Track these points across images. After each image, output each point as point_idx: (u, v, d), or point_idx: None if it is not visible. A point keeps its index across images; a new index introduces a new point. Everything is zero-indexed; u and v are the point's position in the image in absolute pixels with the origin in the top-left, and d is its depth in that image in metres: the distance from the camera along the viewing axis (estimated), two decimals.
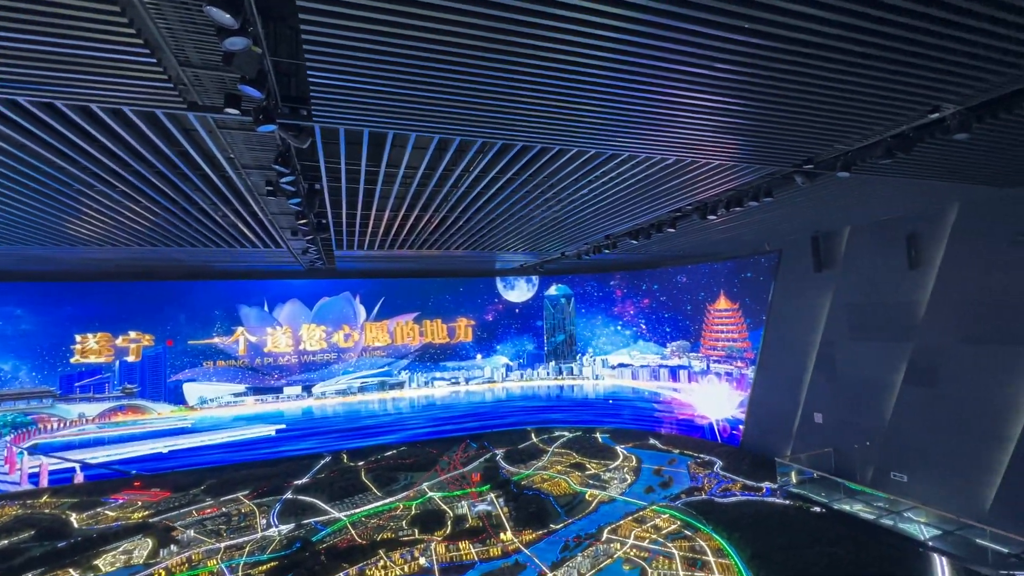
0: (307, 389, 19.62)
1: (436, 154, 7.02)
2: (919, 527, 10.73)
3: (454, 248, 13.71)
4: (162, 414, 17.54)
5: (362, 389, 20.38)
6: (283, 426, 18.94)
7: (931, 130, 5.81)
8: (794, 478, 13.61)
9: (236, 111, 4.63)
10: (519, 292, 22.50)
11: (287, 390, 19.33)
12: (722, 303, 18.01)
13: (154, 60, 4.05)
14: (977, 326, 10.50)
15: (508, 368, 22.32)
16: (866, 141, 6.33)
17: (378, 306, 20.64)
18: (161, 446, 17.24)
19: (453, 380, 21.54)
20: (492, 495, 14.64)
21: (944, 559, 9.57)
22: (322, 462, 18.04)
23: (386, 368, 20.75)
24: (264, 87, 4.19)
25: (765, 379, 16.36)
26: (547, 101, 4.99)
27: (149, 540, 12.32)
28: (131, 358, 17.23)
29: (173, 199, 8.29)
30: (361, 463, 17.77)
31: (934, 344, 11.32)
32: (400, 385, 20.88)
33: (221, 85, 4.73)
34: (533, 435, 20.48)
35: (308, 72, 4.25)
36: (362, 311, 20.51)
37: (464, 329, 21.74)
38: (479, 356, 21.97)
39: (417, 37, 3.76)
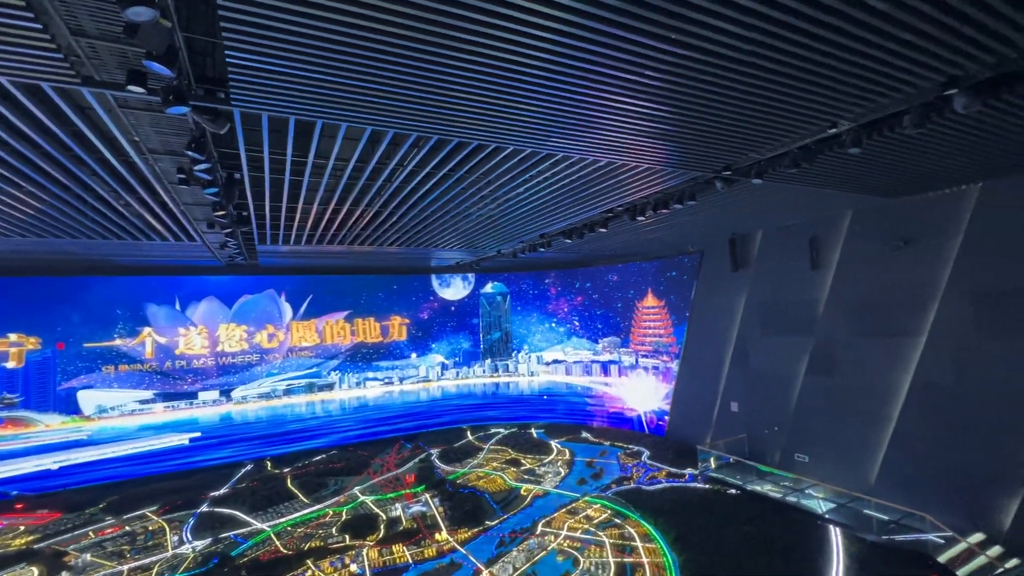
0: (226, 393, 18.29)
1: (368, 146, 6.79)
2: (818, 502, 11.90)
3: (388, 244, 13.36)
4: (51, 426, 15.60)
5: (288, 392, 19.32)
6: (198, 434, 17.53)
7: (830, 144, 6.44)
8: (713, 463, 14.60)
9: (141, 89, 4.20)
10: (455, 290, 22.34)
11: (203, 395, 17.90)
12: (650, 300, 18.92)
13: (39, 26, 3.57)
14: (866, 321, 11.79)
15: (444, 367, 22.10)
16: (776, 151, 6.89)
17: (305, 304, 19.64)
18: (49, 462, 15.34)
19: (387, 380, 21.00)
20: (427, 495, 14.44)
21: (838, 529, 10.68)
22: (243, 471, 16.91)
23: (314, 369, 19.80)
24: (174, 65, 3.83)
25: (688, 372, 17.39)
26: (484, 98, 4.98)
27: (34, 569, 10.94)
28: (11, 364, 15.17)
29: (64, 185, 7.39)
30: (287, 470, 16.85)
31: (831, 337, 12.57)
32: (330, 386, 20.02)
33: (123, 60, 4.27)
34: (469, 433, 20.44)
35: (226, 52, 3.94)
36: (288, 309, 19.43)
37: (398, 328, 21.24)
38: (414, 355, 21.58)
39: (348, 23, 3.61)
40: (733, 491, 13.23)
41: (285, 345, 19.33)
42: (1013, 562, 9.08)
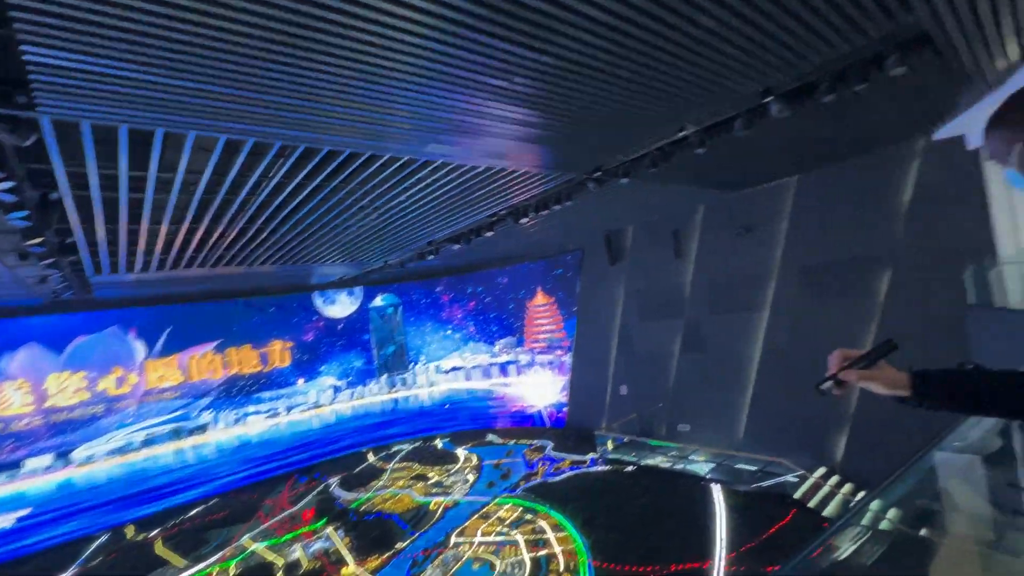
0: (63, 456, 15.27)
1: (225, 157, 6.11)
2: (700, 465, 13.28)
3: (259, 264, 12.17)
4: None
5: (148, 442, 16.70)
6: (27, 511, 14.40)
7: (681, 145, 7.21)
8: (610, 445, 15.57)
9: None
10: (341, 306, 21.08)
11: (30, 463, 14.75)
12: (540, 299, 19.65)
13: None
14: (722, 300, 13.43)
15: (336, 389, 20.73)
16: (637, 153, 7.55)
17: (163, 339, 17.14)
18: None
19: (272, 412, 19.13)
20: (329, 529, 13.43)
21: (718, 486, 12.01)
22: (95, 544, 14.25)
23: (181, 411, 17.36)
24: None
25: (580, 363, 18.36)
26: (352, 103, 4.75)
27: None
28: None
29: None
30: (155, 532, 14.54)
31: (697, 317, 14.12)
32: (202, 428, 17.69)
33: None
34: (370, 455, 19.43)
35: (21, 47, 3.26)
36: (140, 347, 16.80)
37: (280, 353, 19.46)
38: (301, 380, 19.95)
39: (184, 17, 3.19)
40: (630, 468, 14.22)
41: (140, 388, 16.69)
42: (848, 487, 10.97)
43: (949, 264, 9.22)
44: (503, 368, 21.23)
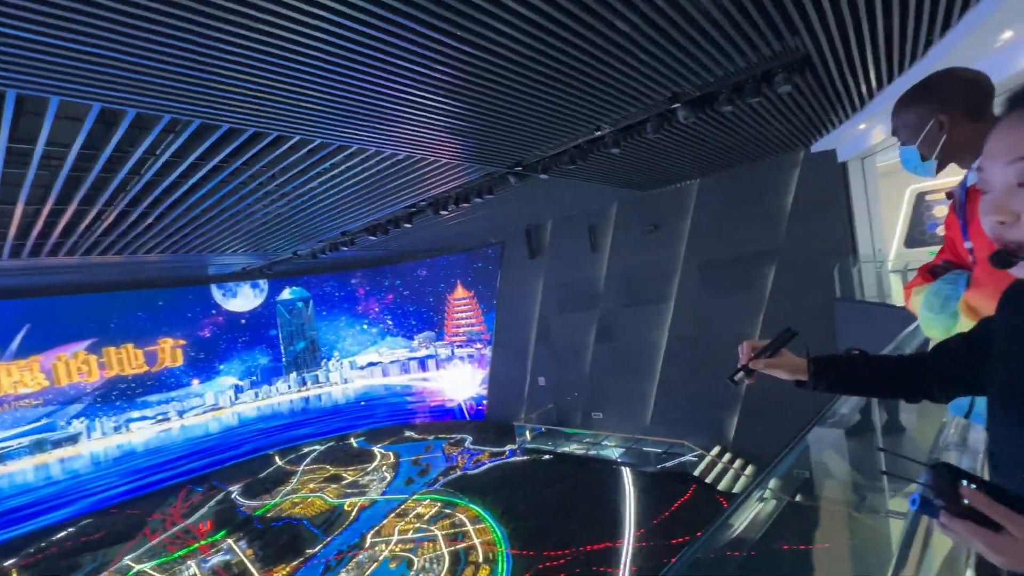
0: None
1: (101, 128, 5.35)
2: (612, 450, 14.03)
3: (145, 252, 10.87)
4: None
5: (1, 458, 14.33)
6: None
7: (597, 144, 7.49)
8: (529, 436, 15.94)
9: None
10: (244, 300, 19.44)
11: None
12: (460, 292, 19.54)
13: None
14: (632, 293, 14.23)
15: (238, 389, 19.12)
16: (556, 150, 7.73)
17: (19, 338, 14.73)
18: None
19: (161, 416, 17.22)
20: (230, 541, 12.45)
21: (627, 469, 12.77)
22: None
23: (44, 421, 15.08)
24: None
25: (500, 356, 18.55)
26: (257, 80, 4.36)
27: None
28: None
29: None
30: (11, 561, 12.56)
31: (610, 309, 14.84)
32: (73, 439, 15.51)
33: None
34: (277, 458, 18.24)
35: None
36: None
37: (170, 352, 17.53)
38: (196, 381, 18.15)
39: None
40: (547, 456, 14.67)
41: None
42: (738, 462, 12.16)
43: (821, 262, 10.51)
44: (422, 362, 20.88)
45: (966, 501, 0.60)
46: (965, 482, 0.62)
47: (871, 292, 8.97)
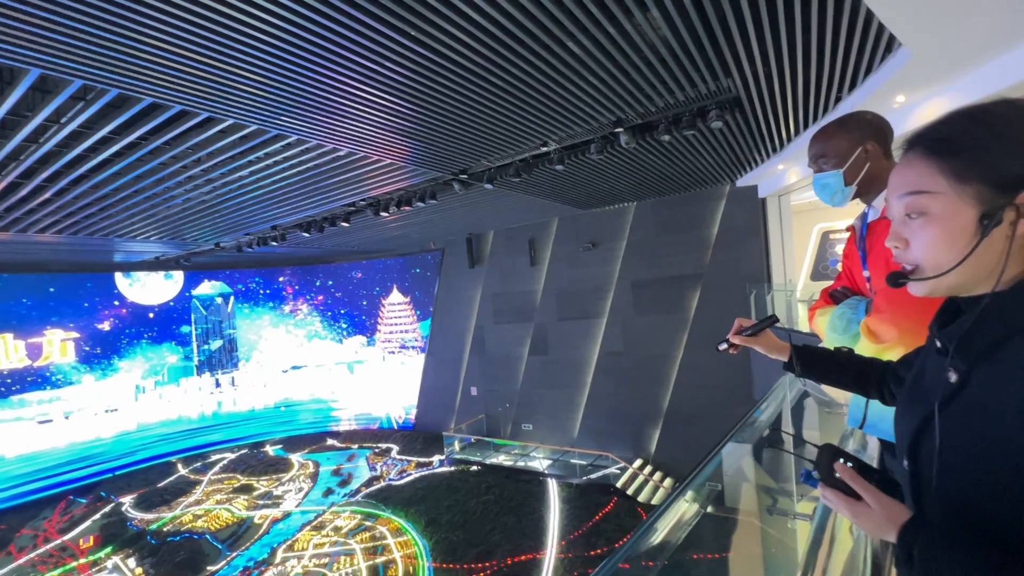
0: None
1: None
2: (540, 462, 14.16)
3: (37, 231, 9.67)
4: None
5: None
6: None
7: (542, 160, 7.66)
8: (457, 446, 15.74)
9: None
10: (153, 291, 17.75)
11: None
12: (395, 297, 19.06)
13: None
14: (568, 307, 14.58)
15: (139, 389, 17.35)
16: (502, 161, 7.80)
17: None
18: None
19: (42, 419, 15.21)
20: (117, 558, 11.20)
21: (554, 480, 12.94)
22: None
23: None
24: None
25: (433, 364, 18.25)
26: (189, 53, 4.05)
27: None
28: None
29: None
30: None
31: (545, 322, 15.09)
32: None
33: None
34: (180, 466, 16.72)
35: None
36: None
37: (59, 345, 15.62)
38: (89, 379, 16.26)
39: None
40: (475, 468, 14.55)
41: None
42: (658, 475, 12.70)
43: (740, 288, 11.34)
44: (350, 368, 20.07)
45: (837, 475, 0.76)
46: (843, 460, 0.77)
47: (782, 318, 9.79)
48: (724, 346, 1.34)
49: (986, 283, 0.69)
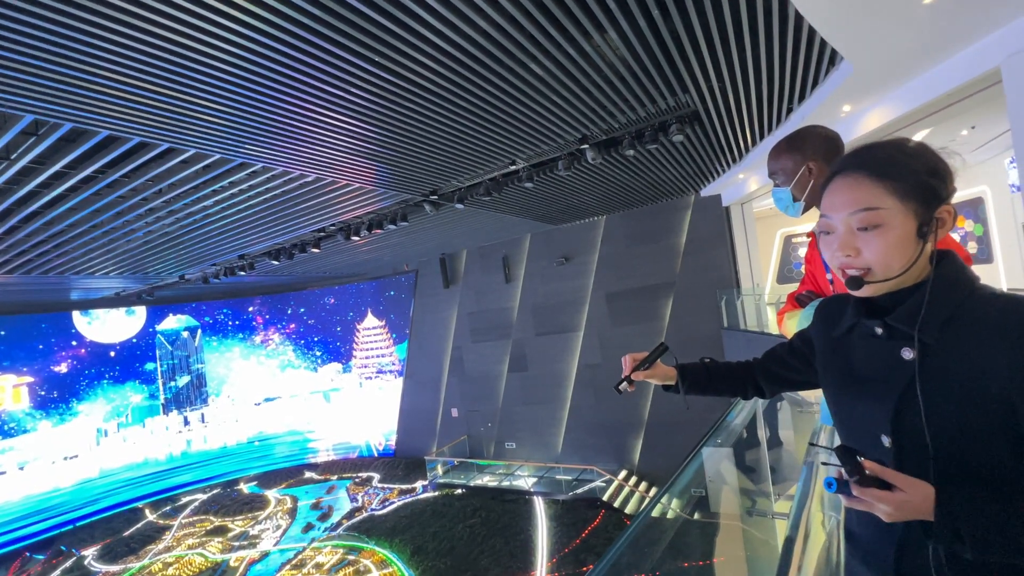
0: None
1: None
2: (525, 480, 14.00)
3: None
4: None
5: None
6: None
7: (512, 178, 7.75)
8: (440, 470, 15.44)
9: None
10: (114, 328, 17.01)
11: None
12: (370, 321, 18.78)
13: None
14: (545, 322, 14.63)
15: (101, 433, 16.46)
16: (472, 181, 7.87)
17: None
18: None
19: None
20: None
21: (539, 498, 12.80)
22: None
23: None
24: None
25: (411, 387, 17.96)
26: (145, 85, 3.98)
27: None
28: None
29: None
30: None
31: (523, 338, 15.08)
32: None
33: None
34: (148, 512, 15.86)
35: None
36: None
37: (11, 391, 14.74)
38: (46, 424, 15.37)
39: None
40: (460, 491, 14.27)
41: None
42: (643, 485, 12.71)
43: (710, 295, 11.61)
44: (326, 396, 19.56)
45: (868, 473, 0.74)
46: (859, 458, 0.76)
47: (752, 322, 10.05)
48: (624, 385, 1.35)
49: (911, 277, 0.84)
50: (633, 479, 12.95)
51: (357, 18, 3.49)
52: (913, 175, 0.82)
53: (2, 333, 14.60)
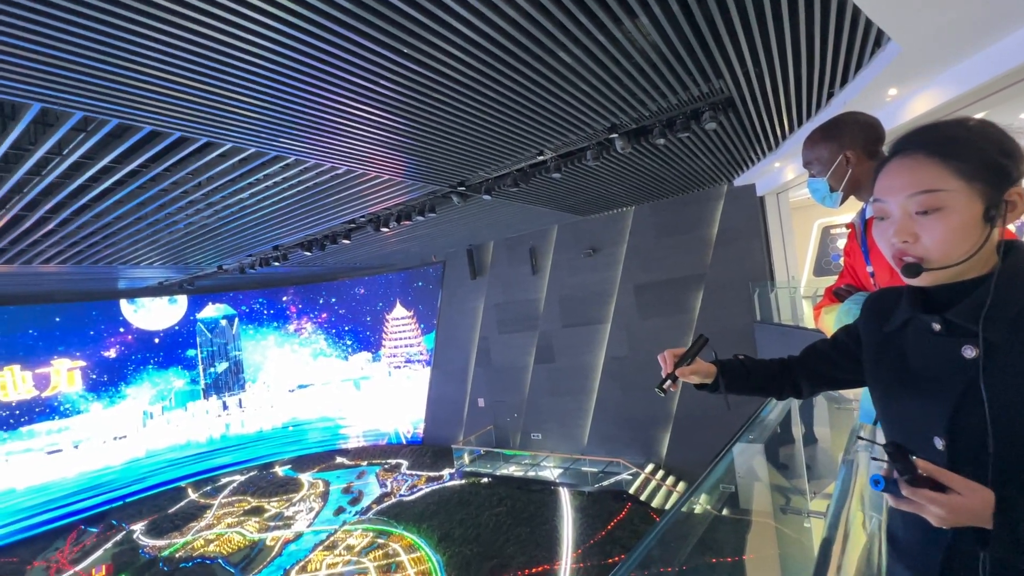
0: None
1: None
2: (551, 471, 14.05)
3: (42, 263, 9.74)
4: None
5: None
6: None
7: (539, 169, 7.70)
8: (467, 459, 15.64)
9: None
10: (158, 316, 17.82)
11: None
12: (399, 311, 19.08)
13: None
14: (571, 314, 14.56)
15: (147, 415, 17.34)
16: (500, 172, 7.85)
17: None
18: None
19: (51, 449, 15.21)
20: None
21: (565, 488, 12.83)
22: None
23: None
24: None
25: (439, 377, 18.21)
26: (188, 82, 4.11)
27: None
28: None
29: None
30: None
31: (549, 330, 15.06)
32: None
33: None
34: (191, 491, 16.66)
35: None
36: None
37: (66, 374, 15.66)
38: (97, 407, 16.28)
39: None
40: (486, 480, 14.44)
41: None
42: (670, 479, 12.58)
43: (742, 287, 11.32)
44: (357, 384, 20.04)
45: (921, 472, 0.68)
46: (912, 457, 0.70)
47: (786, 315, 9.75)
48: (667, 384, 1.24)
49: (974, 268, 0.78)
50: (660, 473, 12.83)
51: (386, 9, 3.51)
52: (980, 154, 0.76)
53: (57, 320, 15.50)
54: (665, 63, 4.91)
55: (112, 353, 16.66)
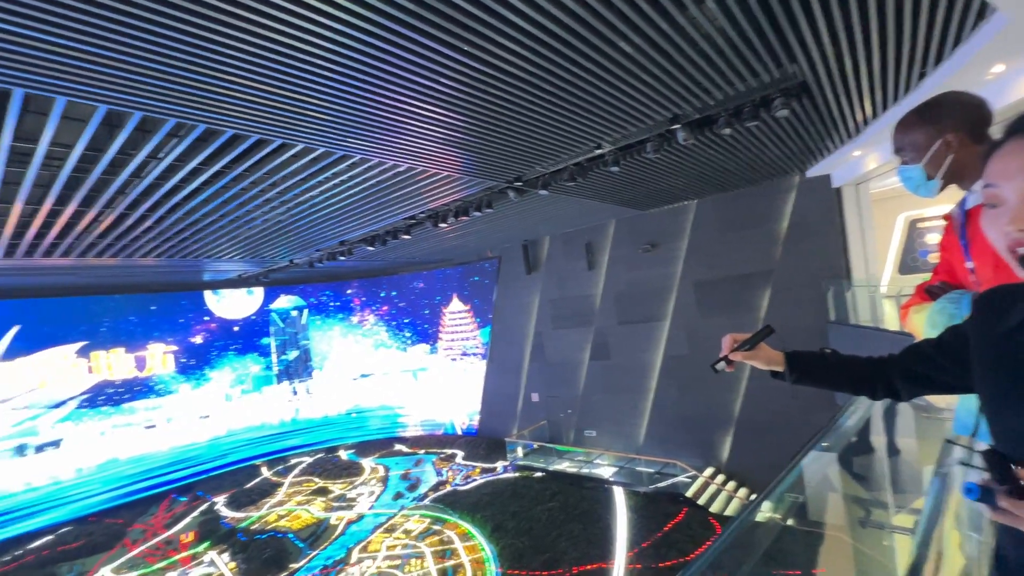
0: None
1: (104, 130, 5.36)
2: (605, 468, 13.89)
3: (141, 256, 10.81)
4: None
5: None
6: None
7: (597, 162, 7.57)
8: (520, 452, 15.77)
9: None
10: (238, 306, 19.30)
11: None
12: (455, 305, 19.49)
13: None
14: (627, 311, 14.25)
15: (228, 397, 18.87)
16: (557, 166, 7.80)
17: (8, 338, 14.53)
18: None
19: (148, 424, 16.90)
20: (213, 553, 12.16)
21: (620, 488, 12.63)
22: None
23: (26, 425, 14.79)
24: None
25: (494, 371, 18.45)
26: (265, 87, 4.40)
27: None
28: None
29: None
30: None
31: (605, 327, 14.84)
32: (55, 444, 15.18)
33: None
34: (264, 469, 17.94)
35: None
36: None
37: (161, 357, 17.32)
38: (185, 388, 17.90)
39: None
40: (539, 474, 14.50)
41: None
42: (731, 484, 12.06)
43: (815, 285, 10.59)
44: (415, 375, 20.72)
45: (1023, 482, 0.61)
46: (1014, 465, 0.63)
47: (865, 316, 9.02)
48: (721, 364, 1.27)
49: None
50: (721, 477, 12.33)
51: (447, 8, 3.57)
52: None
53: (153, 308, 17.17)
54: (733, 49, 4.66)
55: (199, 339, 18.24)
